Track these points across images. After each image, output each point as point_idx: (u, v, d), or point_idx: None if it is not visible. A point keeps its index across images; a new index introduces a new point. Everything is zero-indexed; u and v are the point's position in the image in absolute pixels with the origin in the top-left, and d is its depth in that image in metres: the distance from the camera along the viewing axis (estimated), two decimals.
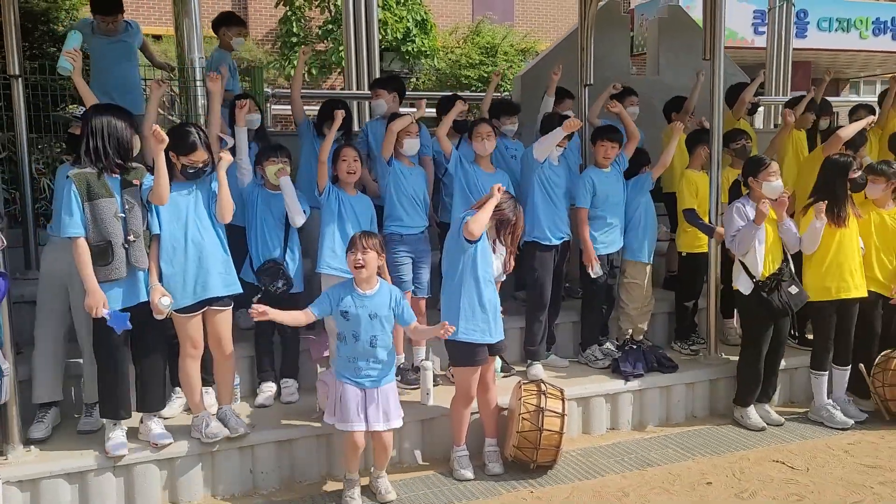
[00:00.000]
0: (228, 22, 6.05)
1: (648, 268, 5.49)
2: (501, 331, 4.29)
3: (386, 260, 4.33)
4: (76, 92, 4.18)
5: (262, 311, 3.73)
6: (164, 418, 4.25)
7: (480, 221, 4.03)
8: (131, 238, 3.79)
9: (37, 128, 4.28)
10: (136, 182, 3.85)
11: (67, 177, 3.73)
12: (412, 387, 4.78)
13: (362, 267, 3.91)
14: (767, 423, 5.04)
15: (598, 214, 5.26)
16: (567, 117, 5.30)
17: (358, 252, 3.91)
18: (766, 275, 4.89)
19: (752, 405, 5.09)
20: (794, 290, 4.89)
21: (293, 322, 4.04)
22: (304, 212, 4.58)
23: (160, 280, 3.92)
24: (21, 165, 5.41)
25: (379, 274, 4.09)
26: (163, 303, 3.83)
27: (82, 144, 3.79)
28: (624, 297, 5.52)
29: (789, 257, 5.04)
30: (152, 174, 3.88)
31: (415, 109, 4.95)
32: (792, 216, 5.30)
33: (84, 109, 4.20)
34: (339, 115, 4.76)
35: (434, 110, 5.86)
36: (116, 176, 3.82)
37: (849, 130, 5.57)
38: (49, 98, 5.93)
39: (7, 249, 3.85)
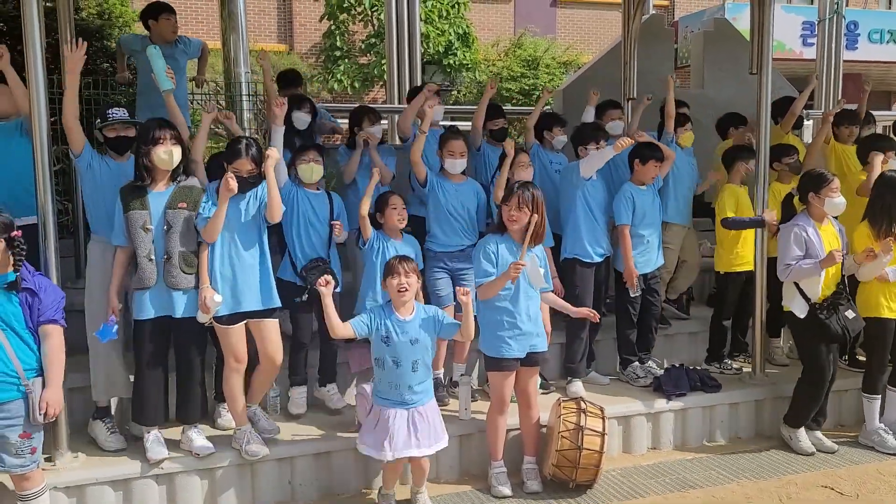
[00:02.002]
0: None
1: (682, 231, 5.70)
2: (542, 344, 4.24)
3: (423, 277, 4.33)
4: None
5: (327, 282, 3.81)
6: (225, 430, 4.35)
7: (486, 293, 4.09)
8: (164, 258, 3.90)
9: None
10: (181, 205, 3.93)
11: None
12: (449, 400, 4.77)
13: (406, 290, 3.90)
14: (819, 451, 4.86)
15: (634, 232, 5.16)
16: (599, 128, 5.41)
17: (401, 276, 3.88)
18: (822, 298, 4.70)
19: (804, 428, 4.93)
20: (850, 314, 4.69)
21: (335, 326, 3.88)
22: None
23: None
24: (73, 177, 5.58)
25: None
26: (215, 300, 3.90)
27: None
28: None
29: (845, 279, 4.86)
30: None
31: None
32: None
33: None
34: (376, 163, 4.78)
35: (470, 123, 5.87)
36: (163, 190, 3.93)
37: (877, 162, 5.33)
38: None
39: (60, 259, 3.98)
